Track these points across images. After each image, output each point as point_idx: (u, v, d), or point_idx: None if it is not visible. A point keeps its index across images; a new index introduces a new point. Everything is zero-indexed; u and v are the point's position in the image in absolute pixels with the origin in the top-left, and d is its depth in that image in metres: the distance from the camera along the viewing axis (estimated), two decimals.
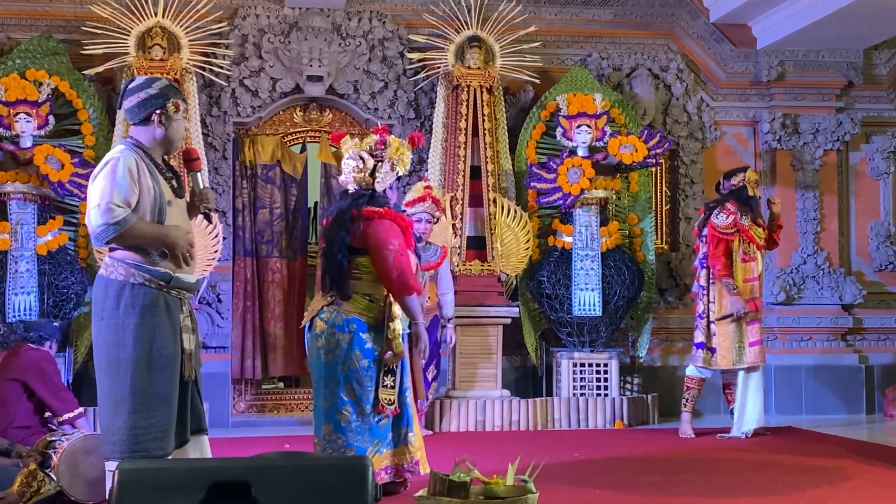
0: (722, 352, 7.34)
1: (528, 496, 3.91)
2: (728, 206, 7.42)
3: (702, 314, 7.45)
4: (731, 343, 7.33)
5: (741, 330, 7.33)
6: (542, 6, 8.96)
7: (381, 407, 4.94)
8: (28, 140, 7.53)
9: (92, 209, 3.94)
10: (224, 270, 8.35)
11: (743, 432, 7.36)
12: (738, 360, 7.32)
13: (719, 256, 7.34)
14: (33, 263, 7.47)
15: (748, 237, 7.40)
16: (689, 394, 7.56)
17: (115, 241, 3.94)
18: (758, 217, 7.49)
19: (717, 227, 7.37)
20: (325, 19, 8.55)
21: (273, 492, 2.81)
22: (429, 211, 7.23)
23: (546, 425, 8.09)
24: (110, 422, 3.98)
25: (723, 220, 7.39)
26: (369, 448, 4.92)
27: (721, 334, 7.35)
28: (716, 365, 7.39)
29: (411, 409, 5.15)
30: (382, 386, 4.94)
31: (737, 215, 7.38)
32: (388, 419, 5.00)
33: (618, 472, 6.04)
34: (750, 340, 7.31)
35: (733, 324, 7.31)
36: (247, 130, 8.74)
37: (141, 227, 3.93)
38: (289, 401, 8.80)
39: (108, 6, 8.03)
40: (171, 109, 4.10)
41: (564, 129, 8.38)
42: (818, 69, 9.28)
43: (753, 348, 7.31)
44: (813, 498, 5.18)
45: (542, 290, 8.30)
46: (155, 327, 3.97)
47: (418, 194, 7.29)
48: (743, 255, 7.39)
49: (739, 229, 7.38)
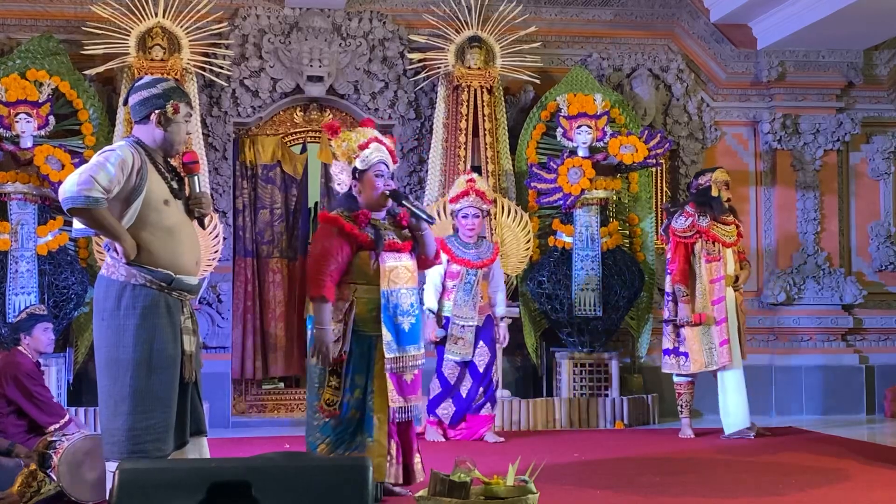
0: (693, 355, 7.34)
1: (528, 496, 3.91)
2: (687, 209, 7.43)
3: (668, 319, 7.47)
4: (700, 346, 7.33)
5: (710, 331, 7.32)
6: (543, 6, 8.97)
7: (320, 406, 4.93)
8: (28, 140, 7.53)
9: (73, 174, 3.94)
10: (224, 271, 8.36)
11: (739, 433, 7.34)
12: (711, 361, 7.30)
13: (676, 260, 7.36)
14: (34, 264, 7.47)
15: (710, 237, 7.38)
16: (682, 399, 7.56)
17: (79, 213, 3.92)
18: (721, 215, 7.41)
19: (675, 231, 7.39)
20: (325, 19, 8.55)
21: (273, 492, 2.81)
22: (474, 205, 7.18)
23: (546, 425, 8.09)
24: (110, 422, 3.99)
25: (681, 223, 7.38)
26: (320, 446, 4.94)
27: (690, 338, 7.35)
28: (688, 369, 7.39)
29: (374, 416, 4.98)
30: (327, 386, 4.93)
31: (694, 217, 7.36)
32: (335, 420, 4.93)
33: (618, 472, 6.04)
34: (719, 340, 7.30)
35: (700, 326, 7.30)
36: (247, 131, 8.75)
37: (106, 216, 3.92)
38: (289, 401, 8.80)
39: (108, 6, 8.03)
40: (170, 111, 4.10)
41: (565, 129, 8.38)
42: (818, 69, 9.28)
43: (723, 348, 7.28)
44: (813, 498, 5.18)
45: (543, 290, 8.30)
46: (155, 328, 3.97)
47: (460, 189, 7.26)
48: (706, 256, 7.37)
49: (699, 231, 7.37)
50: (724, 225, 7.44)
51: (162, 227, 4.04)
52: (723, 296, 7.33)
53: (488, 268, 7.27)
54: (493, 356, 7.34)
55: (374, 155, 5.01)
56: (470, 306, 7.19)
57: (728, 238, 7.43)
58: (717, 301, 7.33)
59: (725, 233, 7.43)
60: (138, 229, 4.00)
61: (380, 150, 5.04)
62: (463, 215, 7.22)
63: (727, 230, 7.44)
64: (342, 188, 5.07)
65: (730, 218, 7.50)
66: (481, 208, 7.21)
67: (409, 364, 5.03)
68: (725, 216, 7.45)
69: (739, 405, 7.34)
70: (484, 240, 7.37)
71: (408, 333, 5.01)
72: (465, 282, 7.21)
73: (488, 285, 7.35)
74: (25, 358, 5.80)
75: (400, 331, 4.98)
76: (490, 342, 7.30)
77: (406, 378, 5.01)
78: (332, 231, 4.91)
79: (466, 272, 7.20)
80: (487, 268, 7.26)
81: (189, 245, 4.14)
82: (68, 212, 3.96)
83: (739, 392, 7.35)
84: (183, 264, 4.08)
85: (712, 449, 6.95)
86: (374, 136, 5.08)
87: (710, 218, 7.38)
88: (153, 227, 4.02)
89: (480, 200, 7.18)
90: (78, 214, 3.94)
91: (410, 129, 8.67)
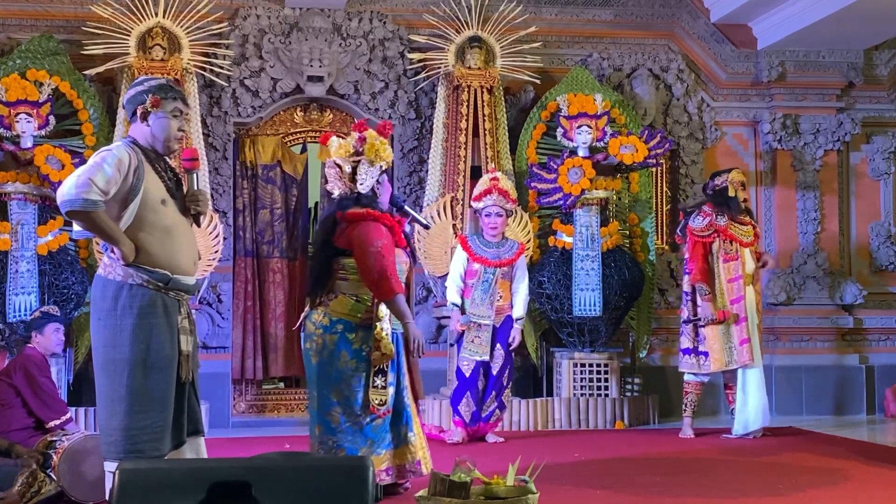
0: (714, 354, 7.35)
1: (528, 496, 3.91)
2: (704, 209, 7.48)
3: (687, 319, 7.48)
4: (721, 345, 7.34)
5: (729, 330, 7.33)
6: (543, 6, 8.96)
7: (372, 408, 4.92)
8: (28, 140, 7.53)
9: (71, 177, 3.92)
10: (224, 270, 8.36)
11: (747, 433, 7.34)
12: (731, 360, 7.33)
13: (695, 259, 7.39)
14: (34, 264, 7.47)
15: (727, 236, 7.41)
16: (688, 398, 7.57)
17: (77, 216, 3.92)
18: (738, 215, 7.44)
19: (693, 231, 7.44)
20: (325, 20, 8.55)
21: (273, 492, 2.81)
22: (498, 204, 7.18)
23: (546, 426, 8.09)
24: (107, 422, 3.99)
25: (698, 222, 7.43)
26: (362, 449, 4.90)
27: (710, 337, 7.37)
28: (709, 369, 7.40)
29: (410, 410, 5.12)
30: (372, 386, 4.91)
31: (712, 216, 7.40)
32: (381, 420, 4.97)
33: (618, 472, 6.04)
34: (739, 339, 7.31)
35: (721, 325, 7.31)
36: (247, 131, 8.75)
37: (104, 219, 3.91)
38: (289, 401, 8.80)
39: (108, 6, 8.03)
40: (149, 104, 4.08)
41: (565, 129, 8.38)
42: (819, 69, 9.28)
43: (743, 347, 7.30)
44: (813, 498, 5.18)
45: (543, 290, 8.30)
46: (152, 328, 3.97)
47: (484, 187, 7.27)
48: (724, 255, 7.41)
49: (717, 230, 7.39)
50: (741, 225, 7.46)
51: (159, 227, 4.03)
52: (741, 295, 7.35)
53: (509, 267, 7.26)
54: (507, 360, 7.31)
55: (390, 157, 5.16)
56: (487, 305, 7.18)
57: (745, 238, 7.46)
58: (736, 300, 7.34)
59: (742, 232, 7.46)
60: (136, 230, 3.99)
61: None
62: (486, 213, 7.25)
63: (744, 230, 7.47)
64: (364, 189, 5.02)
65: (746, 218, 7.52)
66: (504, 207, 7.22)
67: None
68: (742, 216, 7.48)
69: (759, 405, 7.36)
70: (508, 240, 7.37)
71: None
72: (483, 280, 7.21)
73: (510, 286, 7.34)
74: (35, 352, 5.87)
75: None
76: (507, 345, 7.29)
77: None
78: (384, 229, 4.95)
79: (484, 270, 7.22)
80: (508, 267, 7.25)
81: (186, 245, 4.13)
82: (66, 215, 3.96)
83: (760, 391, 7.38)
84: (180, 264, 4.07)
85: (712, 449, 6.95)
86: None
87: (727, 218, 7.40)
88: (151, 228, 4.01)
89: (504, 199, 7.20)
90: (76, 218, 3.94)
91: (410, 129, 8.67)
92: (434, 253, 8.17)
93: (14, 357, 5.96)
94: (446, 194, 8.28)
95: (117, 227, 3.96)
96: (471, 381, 7.21)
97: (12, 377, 5.71)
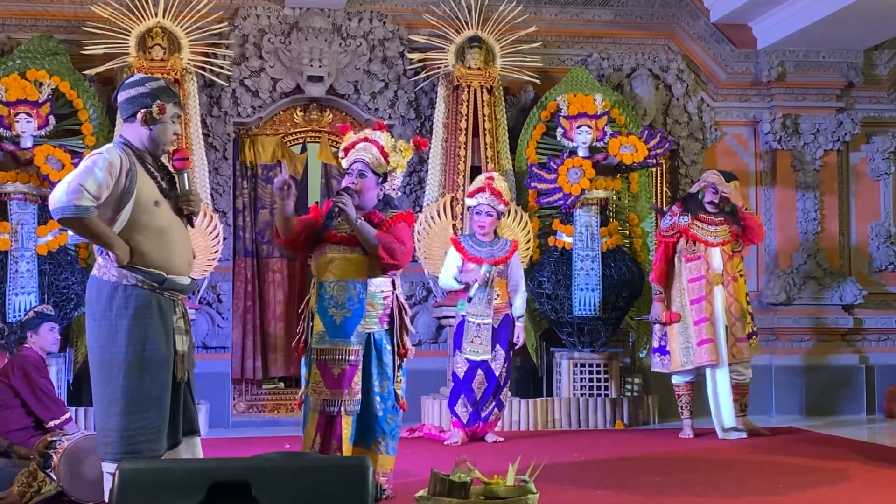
0: (673, 354, 7.37)
1: (528, 496, 3.91)
2: (672, 209, 7.52)
3: (649, 318, 7.58)
4: (678, 345, 7.34)
5: (687, 331, 7.32)
6: (543, 6, 8.97)
7: (403, 404, 5.10)
8: (28, 140, 7.53)
9: (62, 183, 3.91)
10: (224, 270, 8.36)
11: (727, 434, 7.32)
12: (687, 360, 7.30)
13: (656, 259, 7.49)
14: (34, 264, 7.47)
15: (690, 236, 7.39)
16: (682, 400, 7.56)
17: (69, 223, 3.91)
18: (701, 214, 7.37)
19: (659, 231, 7.53)
20: (325, 19, 8.55)
21: (273, 492, 2.81)
22: (489, 203, 7.15)
23: (546, 425, 8.09)
24: (103, 422, 3.99)
25: (665, 222, 7.49)
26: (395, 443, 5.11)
27: (670, 336, 7.39)
28: (668, 368, 7.42)
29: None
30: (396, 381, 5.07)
31: (676, 216, 7.40)
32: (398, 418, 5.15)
33: (618, 472, 6.04)
34: (698, 340, 7.28)
35: (679, 324, 7.32)
36: (247, 130, 8.75)
37: (97, 223, 3.90)
38: (289, 401, 8.79)
39: (108, 6, 8.04)
40: (156, 111, 4.06)
41: (565, 129, 8.38)
42: (818, 69, 9.28)
43: (702, 347, 7.25)
44: (813, 498, 5.18)
45: (543, 290, 8.30)
46: (147, 329, 3.96)
47: (479, 184, 7.25)
48: (686, 255, 7.39)
49: (679, 230, 7.39)
50: (709, 225, 7.42)
51: (153, 228, 4.01)
52: (702, 295, 7.29)
53: (504, 265, 7.26)
54: (506, 360, 7.30)
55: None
56: (485, 304, 7.18)
57: (713, 238, 7.40)
58: (696, 300, 7.30)
59: (709, 232, 7.41)
60: (130, 232, 3.97)
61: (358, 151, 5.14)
62: (476, 212, 7.23)
63: (711, 230, 7.41)
64: (395, 193, 5.22)
65: (719, 218, 7.45)
66: (495, 208, 7.19)
67: (337, 357, 4.97)
68: (711, 216, 7.42)
69: (727, 405, 7.31)
70: (500, 238, 7.36)
71: (338, 326, 4.96)
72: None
73: (506, 284, 7.33)
74: (32, 352, 5.88)
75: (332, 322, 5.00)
76: (506, 345, 7.28)
77: (334, 371, 4.96)
78: (409, 232, 5.14)
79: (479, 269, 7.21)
80: (503, 265, 7.25)
81: (181, 245, 4.12)
82: (59, 223, 3.95)
83: (726, 392, 7.31)
84: (175, 264, 4.06)
85: (712, 449, 6.95)
86: (365, 136, 5.16)
87: (690, 217, 7.39)
88: (145, 229, 3.99)
89: (495, 200, 7.16)
90: (69, 225, 3.93)
91: (410, 129, 8.67)
92: (434, 253, 8.16)
93: (11, 358, 5.95)
94: (446, 194, 8.28)
95: (111, 230, 3.95)
96: (465, 382, 7.20)
97: (10, 378, 5.72)
